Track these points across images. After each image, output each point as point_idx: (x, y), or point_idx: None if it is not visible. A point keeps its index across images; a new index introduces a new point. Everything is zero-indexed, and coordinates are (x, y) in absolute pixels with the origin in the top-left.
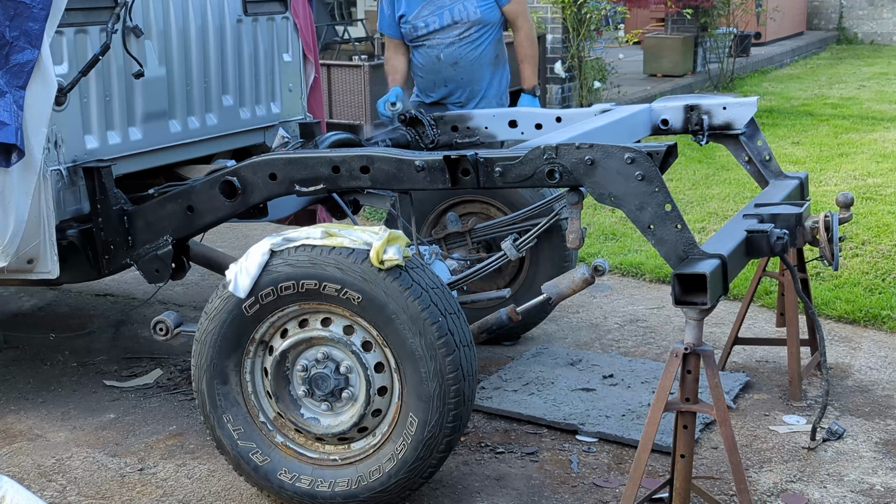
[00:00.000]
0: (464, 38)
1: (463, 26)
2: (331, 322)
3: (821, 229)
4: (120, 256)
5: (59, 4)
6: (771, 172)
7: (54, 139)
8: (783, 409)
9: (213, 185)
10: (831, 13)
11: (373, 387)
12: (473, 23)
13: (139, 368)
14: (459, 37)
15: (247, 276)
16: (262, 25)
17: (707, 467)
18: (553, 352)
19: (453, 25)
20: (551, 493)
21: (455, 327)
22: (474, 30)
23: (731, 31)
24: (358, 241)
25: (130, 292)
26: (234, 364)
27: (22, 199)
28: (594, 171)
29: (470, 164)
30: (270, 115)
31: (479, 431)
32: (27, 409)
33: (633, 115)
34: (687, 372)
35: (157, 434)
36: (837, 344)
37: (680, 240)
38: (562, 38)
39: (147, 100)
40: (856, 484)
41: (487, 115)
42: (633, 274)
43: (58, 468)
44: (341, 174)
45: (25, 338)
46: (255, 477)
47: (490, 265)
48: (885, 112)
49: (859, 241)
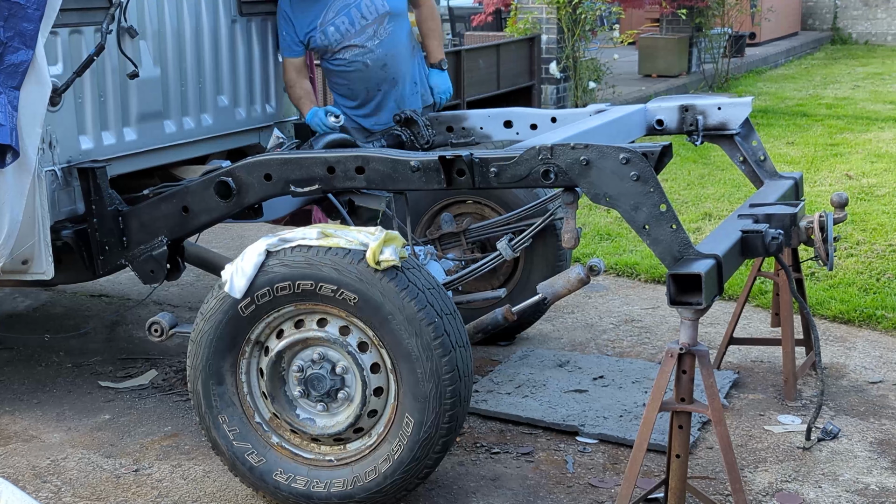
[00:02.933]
0: (380, 36)
1: (375, 23)
2: (327, 323)
3: (815, 229)
4: (115, 257)
5: (53, 5)
6: (766, 172)
7: (49, 140)
8: (778, 408)
9: (208, 185)
10: (826, 13)
11: (369, 387)
12: (383, 16)
13: (134, 369)
14: (376, 35)
15: (243, 277)
16: (257, 26)
17: (702, 467)
18: (540, 354)
19: (365, 25)
20: (547, 493)
21: (451, 328)
22: (388, 23)
23: (726, 31)
24: (354, 242)
25: (125, 293)
26: (229, 365)
27: (16, 200)
28: (589, 171)
29: (465, 165)
30: (265, 116)
31: (475, 432)
32: (22, 410)
33: (628, 115)
34: (682, 372)
35: (153, 435)
36: (832, 344)
37: (675, 240)
38: (556, 39)
39: (142, 100)
40: (851, 484)
41: (483, 116)
42: (628, 274)
43: (53, 469)
44: (336, 174)
45: (20, 339)
46: (251, 478)
47: (485, 265)
48: (880, 112)
49: (854, 241)
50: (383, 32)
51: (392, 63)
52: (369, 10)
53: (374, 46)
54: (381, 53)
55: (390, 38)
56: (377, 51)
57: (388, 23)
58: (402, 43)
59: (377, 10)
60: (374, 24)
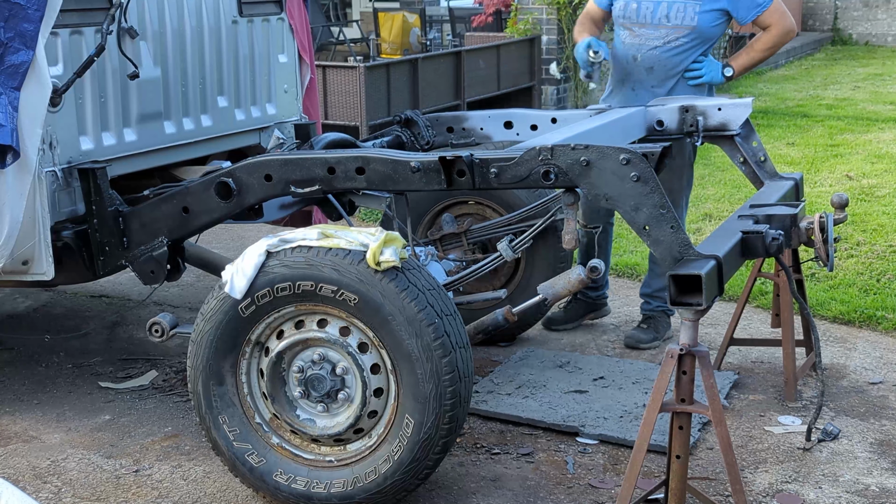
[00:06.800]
0: (668, 41)
1: (673, 29)
2: (327, 323)
3: (816, 230)
4: (115, 258)
5: (53, 5)
6: (766, 173)
7: (49, 140)
8: (778, 409)
9: (209, 186)
10: (826, 14)
11: (369, 388)
12: (687, 28)
13: (134, 370)
14: (665, 38)
15: (243, 278)
16: (258, 26)
17: (702, 468)
18: (540, 354)
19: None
20: (547, 494)
21: (451, 329)
22: (684, 37)
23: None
24: (354, 243)
25: (126, 293)
26: (229, 365)
27: (17, 201)
28: (589, 172)
29: (465, 165)
30: (266, 117)
31: (475, 432)
32: (22, 411)
33: (629, 116)
34: (682, 372)
35: (153, 435)
36: (832, 345)
37: (675, 241)
38: (557, 40)
39: (142, 101)
40: (851, 484)
41: (483, 117)
42: (628, 275)
43: (53, 470)
44: (337, 175)
45: (20, 339)
46: (251, 478)
47: (486, 266)
48: (880, 113)
49: (854, 242)
50: (674, 41)
51: (660, 71)
52: (677, 15)
53: (654, 48)
54: (654, 57)
55: (676, 49)
56: (653, 53)
57: (686, 37)
58: (685, 61)
59: (683, 20)
60: (671, 30)
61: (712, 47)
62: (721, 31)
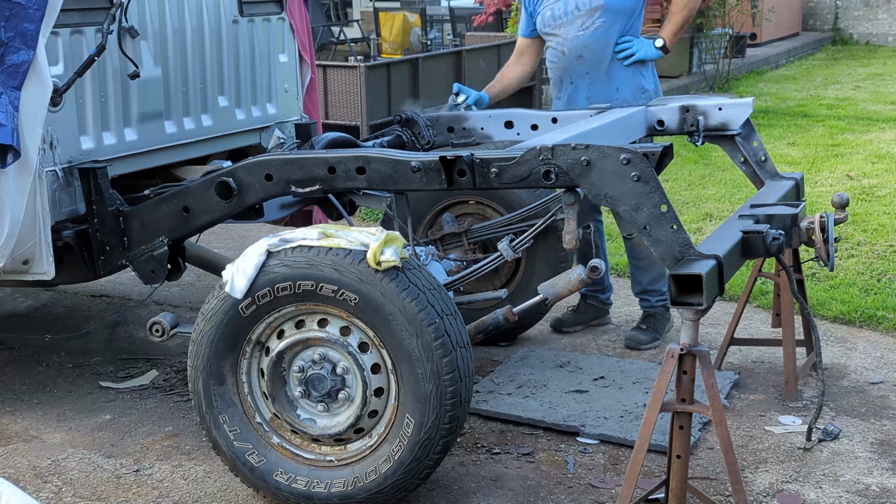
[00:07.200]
0: (586, 28)
1: (585, 15)
2: (327, 323)
3: (816, 230)
4: (116, 257)
5: (54, 5)
6: (766, 173)
7: (50, 140)
8: (779, 409)
9: (209, 185)
10: (827, 14)
11: (369, 388)
12: (595, 9)
13: (135, 369)
14: (582, 26)
15: (243, 277)
16: (258, 26)
17: (703, 468)
18: (541, 354)
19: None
20: (547, 493)
21: (452, 328)
22: (598, 17)
23: (727, 31)
24: (355, 243)
25: (126, 293)
26: (230, 365)
27: (17, 200)
28: (590, 171)
29: (466, 165)
30: (266, 116)
31: (476, 432)
32: (23, 411)
33: (629, 116)
34: (683, 372)
35: (153, 435)
36: (833, 344)
37: (676, 240)
38: None
39: (143, 101)
40: (851, 484)
41: (483, 116)
42: (628, 275)
43: (53, 469)
44: (337, 175)
45: (21, 339)
46: (252, 478)
47: (486, 266)
48: (881, 113)
49: (855, 242)
50: (591, 25)
51: (589, 56)
52: (584, 2)
53: (576, 37)
54: (579, 45)
55: (596, 32)
56: (576, 41)
57: (599, 17)
58: (609, 41)
59: (591, 3)
60: (584, 16)
61: (635, 22)
62: (633, 2)
